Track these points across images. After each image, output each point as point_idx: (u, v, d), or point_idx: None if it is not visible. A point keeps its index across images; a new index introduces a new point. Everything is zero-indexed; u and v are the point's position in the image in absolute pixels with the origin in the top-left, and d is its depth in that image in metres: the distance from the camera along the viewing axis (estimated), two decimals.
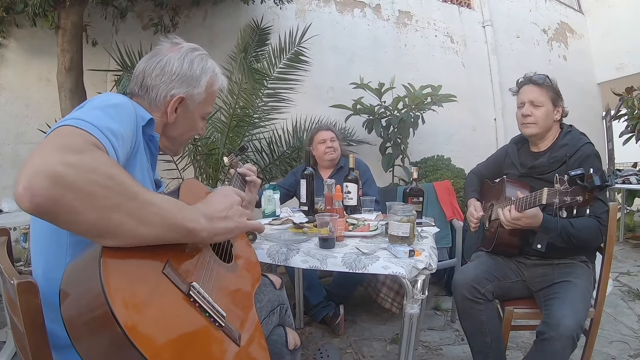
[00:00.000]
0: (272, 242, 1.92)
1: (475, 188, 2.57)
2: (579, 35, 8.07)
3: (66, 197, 0.75)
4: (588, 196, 1.61)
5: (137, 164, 1.12)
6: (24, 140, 4.17)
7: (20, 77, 4.22)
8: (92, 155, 0.82)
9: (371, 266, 1.66)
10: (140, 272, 0.84)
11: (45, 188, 0.73)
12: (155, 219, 0.86)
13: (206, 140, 4.09)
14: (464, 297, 2.06)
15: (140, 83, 1.32)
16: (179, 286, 0.89)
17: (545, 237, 1.94)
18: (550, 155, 2.14)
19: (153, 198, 0.88)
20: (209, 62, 1.39)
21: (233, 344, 0.98)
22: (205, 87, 1.36)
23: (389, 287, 3.29)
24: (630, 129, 5.85)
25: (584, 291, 1.95)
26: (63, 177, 0.74)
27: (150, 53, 1.35)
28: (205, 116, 1.46)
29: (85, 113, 0.94)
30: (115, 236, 0.81)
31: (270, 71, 4.35)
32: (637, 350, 2.71)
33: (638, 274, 4.34)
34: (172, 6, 4.52)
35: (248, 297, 1.21)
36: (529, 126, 2.18)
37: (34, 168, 0.74)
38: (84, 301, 0.77)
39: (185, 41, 1.40)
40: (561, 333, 1.74)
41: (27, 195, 0.73)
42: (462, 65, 6.50)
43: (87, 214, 0.77)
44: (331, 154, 3.32)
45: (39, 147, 0.80)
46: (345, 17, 5.81)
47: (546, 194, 1.74)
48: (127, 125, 1.04)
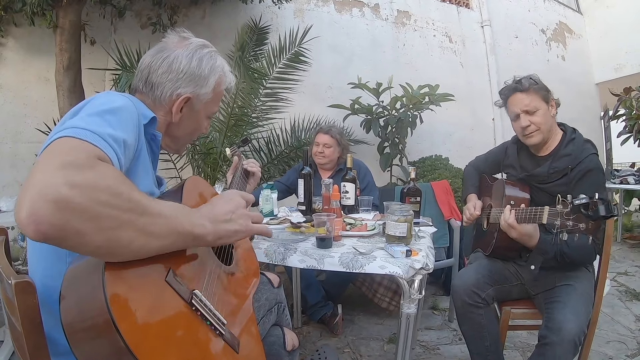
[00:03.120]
0: (269, 242, 1.92)
1: (474, 183, 2.50)
2: (577, 35, 8.09)
3: (72, 221, 0.71)
4: (592, 225, 1.55)
5: (139, 166, 1.09)
6: (22, 139, 4.17)
7: (19, 76, 4.21)
8: (96, 171, 0.77)
9: (368, 266, 1.67)
10: (143, 281, 0.83)
11: (51, 214, 0.69)
12: (164, 231, 0.84)
13: (204, 140, 4.09)
14: (464, 302, 2.03)
15: (145, 79, 1.26)
16: (181, 294, 0.88)
17: (540, 258, 1.90)
18: (550, 165, 2.05)
19: (160, 208, 0.85)
20: (218, 60, 1.34)
21: (232, 351, 0.98)
22: (213, 86, 1.31)
23: (386, 287, 3.29)
24: (628, 129, 5.85)
25: (585, 295, 1.93)
26: (68, 201, 0.70)
27: (157, 47, 1.29)
28: (210, 115, 1.41)
29: (85, 120, 0.90)
30: (124, 254, 0.79)
31: (269, 71, 4.34)
32: (634, 350, 2.72)
33: (635, 274, 4.36)
34: (171, 5, 4.52)
35: (247, 300, 1.21)
36: (533, 135, 2.07)
37: (37, 191, 0.70)
38: (85, 308, 0.76)
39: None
40: (563, 338, 1.71)
41: (31, 224, 0.69)
42: (461, 65, 6.51)
43: (95, 236, 0.74)
44: (319, 159, 3.30)
45: (39, 163, 0.76)
46: (343, 16, 5.82)
47: (547, 214, 1.69)
48: (129, 130, 1.00)
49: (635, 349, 2.74)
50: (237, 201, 1.08)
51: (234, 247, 1.29)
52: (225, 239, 1.02)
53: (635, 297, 3.66)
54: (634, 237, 5.81)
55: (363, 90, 4.88)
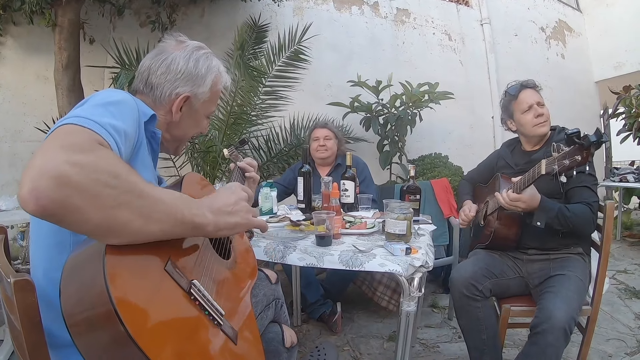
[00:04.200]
0: (269, 240, 1.92)
1: (468, 192, 2.63)
2: (577, 33, 8.08)
3: (72, 197, 0.72)
4: (585, 153, 1.69)
5: (139, 161, 1.12)
6: (22, 138, 4.17)
7: (18, 75, 4.21)
8: (97, 153, 0.79)
9: (368, 264, 1.67)
10: (143, 269, 0.84)
11: (51, 190, 0.71)
12: (162, 216, 0.85)
13: (203, 138, 4.10)
14: (461, 294, 2.07)
15: (145, 80, 1.31)
16: (180, 284, 0.89)
17: (544, 215, 2.00)
18: (545, 150, 2.19)
19: (159, 194, 0.87)
20: (214, 61, 1.39)
21: (230, 342, 0.98)
22: (210, 85, 1.36)
23: (385, 286, 3.29)
24: (628, 127, 5.86)
25: (577, 283, 1.97)
26: (69, 178, 0.72)
27: (156, 50, 1.35)
28: (209, 115, 1.46)
29: (87, 111, 0.92)
30: (122, 235, 0.80)
31: (269, 69, 4.34)
32: (633, 348, 2.72)
33: (635, 272, 4.36)
34: (170, 3, 4.52)
35: (245, 295, 1.21)
36: (544, 125, 2.26)
37: (38, 168, 0.72)
38: (86, 297, 0.77)
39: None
40: (553, 325, 1.76)
41: (32, 199, 0.70)
42: (460, 63, 6.50)
43: (94, 214, 0.75)
44: (322, 153, 3.31)
45: (42, 146, 0.77)
46: (343, 14, 5.81)
47: (545, 164, 1.83)
48: (129, 122, 1.03)
49: (635, 347, 2.74)
50: (239, 194, 1.10)
51: (231, 243, 1.29)
52: (226, 231, 1.03)
53: (635, 295, 3.66)
54: (634, 235, 5.82)
55: (362, 88, 4.88)
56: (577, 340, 2.24)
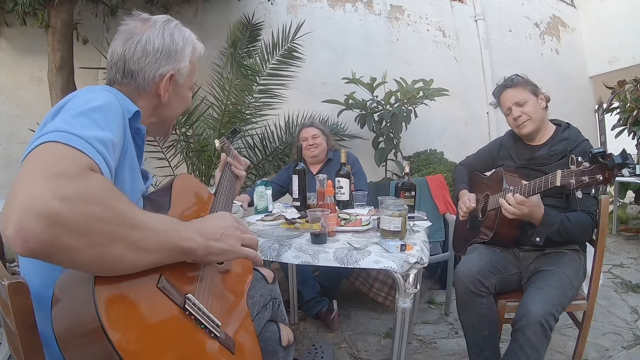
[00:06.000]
0: (264, 238, 1.92)
1: (466, 180, 2.60)
2: (571, 29, 8.08)
3: (63, 237, 0.68)
4: (608, 174, 1.64)
5: (126, 164, 1.08)
6: (16, 140, 4.14)
7: (11, 77, 4.18)
8: (87, 182, 0.74)
9: (363, 261, 1.67)
10: (135, 289, 0.82)
11: (40, 230, 0.66)
12: (155, 246, 0.83)
13: (198, 137, 4.09)
14: (467, 289, 2.03)
15: (123, 70, 1.23)
16: (174, 300, 0.88)
17: (546, 230, 1.98)
18: (550, 148, 2.20)
19: (150, 222, 0.84)
20: (186, 31, 1.34)
21: (228, 353, 0.98)
22: (189, 57, 1.31)
23: (382, 282, 3.30)
24: (623, 122, 5.89)
25: (562, 279, 1.96)
26: (58, 215, 0.67)
27: (123, 36, 1.26)
28: (191, 86, 1.40)
29: (69, 122, 0.86)
30: (114, 271, 0.78)
31: (263, 67, 4.34)
32: (630, 342, 2.74)
33: (631, 266, 4.39)
34: (163, 3, 4.48)
35: (242, 297, 1.21)
36: (525, 125, 2.23)
37: (25, 205, 0.66)
38: (76, 317, 0.76)
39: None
40: (530, 320, 1.76)
41: (19, 240, 0.66)
42: (455, 59, 6.50)
43: (86, 252, 0.71)
44: (313, 151, 3.35)
45: (23, 172, 0.72)
46: (336, 12, 5.80)
47: (560, 175, 1.75)
48: (116, 129, 0.97)
49: (631, 341, 2.76)
50: (227, 222, 1.07)
51: None
52: (214, 256, 1.01)
53: (631, 289, 3.68)
54: (629, 230, 5.84)
55: (357, 86, 4.87)
56: (574, 335, 2.26)
